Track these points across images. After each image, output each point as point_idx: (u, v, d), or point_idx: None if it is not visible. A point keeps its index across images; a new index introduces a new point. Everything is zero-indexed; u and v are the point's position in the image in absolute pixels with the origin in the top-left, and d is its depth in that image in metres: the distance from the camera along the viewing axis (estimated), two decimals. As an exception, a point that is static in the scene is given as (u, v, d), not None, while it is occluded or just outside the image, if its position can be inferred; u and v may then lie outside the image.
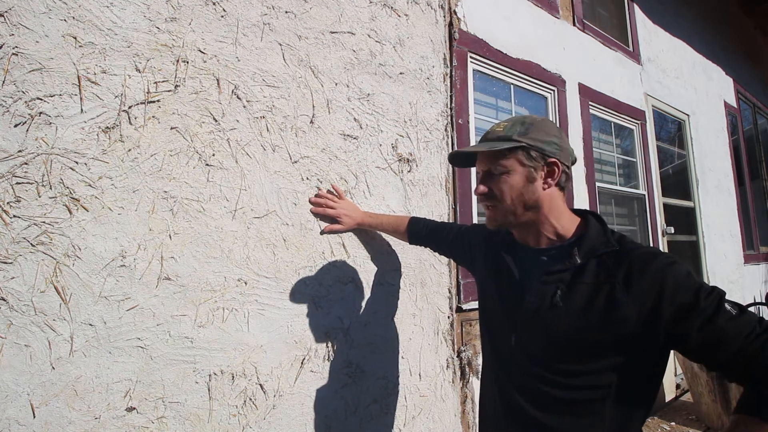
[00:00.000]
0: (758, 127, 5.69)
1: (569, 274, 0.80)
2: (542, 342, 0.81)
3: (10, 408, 0.93)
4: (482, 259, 1.05)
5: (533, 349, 0.83)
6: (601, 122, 3.16)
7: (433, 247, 1.43)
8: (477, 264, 1.10)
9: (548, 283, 0.82)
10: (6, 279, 0.95)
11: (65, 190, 1.04)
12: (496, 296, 0.95)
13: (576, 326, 0.77)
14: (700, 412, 2.81)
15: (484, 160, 0.89)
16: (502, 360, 0.91)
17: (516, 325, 0.87)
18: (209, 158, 1.27)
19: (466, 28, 2.20)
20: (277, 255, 1.37)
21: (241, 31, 1.37)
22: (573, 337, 0.77)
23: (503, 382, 0.90)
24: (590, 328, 0.75)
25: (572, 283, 0.79)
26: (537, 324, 0.82)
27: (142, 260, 1.13)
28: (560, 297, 0.79)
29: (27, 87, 1.01)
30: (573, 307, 0.78)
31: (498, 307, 0.94)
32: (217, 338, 1.23)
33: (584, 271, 0.79)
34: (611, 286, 0.75)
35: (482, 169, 0.90)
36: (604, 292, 0.76)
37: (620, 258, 0.78)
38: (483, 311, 1.03)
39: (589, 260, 0.79)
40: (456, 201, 1.99)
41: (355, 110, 1.64)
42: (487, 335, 0.99)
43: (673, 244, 3.57)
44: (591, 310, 0.76)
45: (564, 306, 0.78)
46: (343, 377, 1.49)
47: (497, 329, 0.94)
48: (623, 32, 3.54)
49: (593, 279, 0.78)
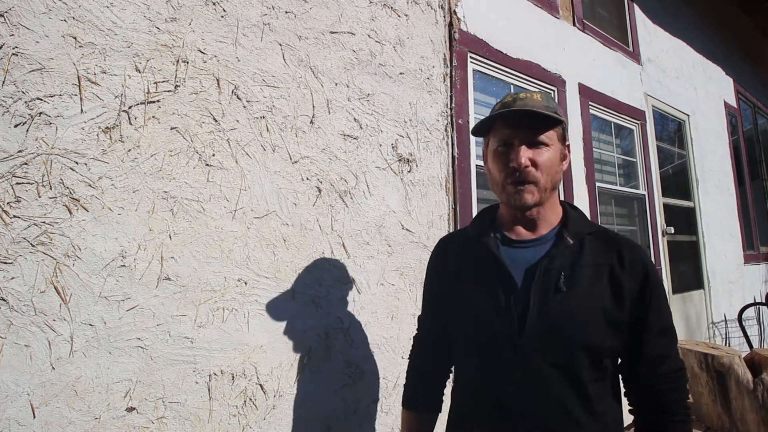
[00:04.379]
0: (758, 127, 5.69)
1: (568, 259, 0.80)
2: (555, 333, 0.77)
3: (10, 408, 0.93)
4: (457, 277, 0.91)
5: (545, 344, 0.77)
6: (601, 122, 3.16)
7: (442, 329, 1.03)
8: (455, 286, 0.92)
9: (550, 270, 0.79)
10: (6, 279, 0.95)
11: (65, 190, 1.04)
12: (487, 299, 0.84)
13: (586, 308, 0.76)
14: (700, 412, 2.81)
15: (532, 127, 0.79)
16: (500, 362, 0.81)
17: (523, 324, 0.79)
18: (209, 158, 1.27)
19: (466, 28, 2.20)
20: (277, 255, 1.37)
21: (241, 31, 1.37)
22: (584, 320, 0.76)
23: (501, 386, 0.81)
24: (601, 309, 0.77)
25: (573, 267, 0.79)
26: (547, 316, 0.77)
27: (142, 260, 1.13)
28: (563, 282, 0.78)
29: (27, 87, 1.01)
30: (580, 292, 0.77)
31: (493, 308, 0.82)
32: (217, 338, 1.23)
33: (582, 254, 0.80)
34: (610, 267, 0.79)
35: (524, 139, 0.79)
36: (606, 273, 0.79)
37: (607, 239, 0.82)
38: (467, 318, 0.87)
39: (581, 242, 0.82)
40: (456, 201, 1.99)
41: (355, 110, 1.64)
42: (477, 339, 0.86)
43: (673, 244, 3.57)
44: (598, 292, 0.77)
45: (570, 290, 0.77)
46: (343, 377, 1.49)
47: (494, 331, 0.83)
48: (623, 32, 3.54)
49: (593, 261, 0.80)
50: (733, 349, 2.74)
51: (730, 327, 3.93)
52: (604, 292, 0.78)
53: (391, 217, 1.70)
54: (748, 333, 3.55)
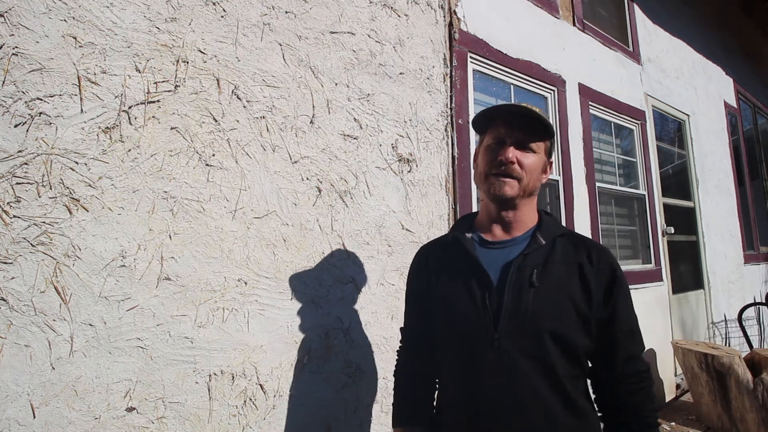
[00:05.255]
0: (758, 127, 5.68)
1: (541, 257, 0.85)
2: (529, 326, 0.79)
3: (10, 408, 0.93)
4: (436, 277, 0.94)
5: (521, 338, 0.79)
6: (601, 122, 3.16)
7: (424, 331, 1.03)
8: (434, 284, 0.95)
9: (523, 267, 0.84)
10: (6, 279, 0.95)
11: (65, 190, 1.04)
12: (464, 296, 0.87)
13: (557, 299, 0.81)
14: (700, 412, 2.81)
15: (527, 132, 0.86)
16: (477, 357, 0.83)
17: (498, 318, 0.81)
18: (209, 158, 1.27)
19: (466, 28, 2.20)
20: (277, 255, 1.37)
21: (241, 31, 1.37)
22: (555, 309, 0.80)
23: (479, 380, 0.82)
24: (572, 301, 0.81)
25: (545, 264, 0.84)
26: (521, 310, 0.80)
27: (142, 260, 1.13)
28: (536, 277, 0.82)
29: (27, 87, 1.01)
30: (552, 286, 0.82)
31: (469, 304, 0.85)
32: (217, 338, 1.23)
33: (554, 253, 0.86)
34: (579, 265, 0.84)
35: (517, 139, 0.86)
36: (575, 270, 0.84)
37: (576, 241, 0.88)
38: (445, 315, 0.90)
39: (552, 243, 0.87)
40: (456, 201, 1.99)
41: (355, 110, 1.64)
42: (454, 335, 0.88)
43: (673, 244, 3.57)
44: (569, 286, 0.82)
45: (542, 285, 0.82)
46: (343, 377, 1.49)
47: (471, 327, 0.85)
48: (623, 32, 3.54)
49: (563, 259, 0.85)
50: (733, 349, 2.74)
51: (730, 327, 3.93)
52: (575, 287, 0.82)
53: (391, 217, 1.70)
54: (748, 333, 3.55)
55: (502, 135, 0.87)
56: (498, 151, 0.86)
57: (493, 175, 0.86)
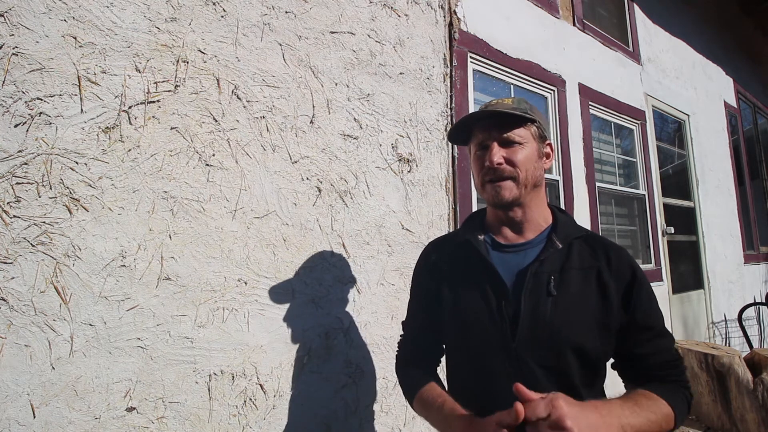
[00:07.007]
0: (758, 127, 5.68)
1: (558, 262, 0.82)
2: (549, 339, 0.78)
3: (10, 408, 0.93)
4: (448, 278, 0.92)
5: (539, 348, 0.78)
6: (601, 122, 3.16)
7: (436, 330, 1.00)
8: (445, 286, 0.93)
9: (540, 273, 0.81)
10: (6, 279, 0.95)
11: (65, 190, 1.04)
12: (479, 303, 0.84)
13: (576, 311, 0.78)
14: (700, 412, 2.81)
15: (502, 127, 0.83)
16: (492, 366, 0.81)
17: (515, 327, 0.79)
18: (209, 158, 1.27)
19: (466, 28, 2.20)
20: (277, 255, 1.37)
21: (241, 31, 1.37)
22: (575, 323, 0.77)
23: (494, 390, 0.80)
24: (591, 311, 0.78)
25: (562, 271, 0.81)
26: (540, 320, 0.78)
27: (142, 260, 1.13)
28: (554, 285, 0.79)
29: (27, 87, 1.01)
30: (571, 297, 0.79)
31: (485, 312, 0.83)
32: (217, 338, 1.23)
33: (571, 258, 0.82)
34: (598, 270, 0.81)
35: (496, 138, 0.84)
36: (594, 276, 0.80)
37: (594, 243, 0.84)
38: (459, 322, 0.88)
39: (569, 246, 0.83)
40: (456, 201, 1.99)
41: (355, 110, 1.64)
42: (469, 343, 0.86)
43: (673, 244, 3.57)
44: (588, 294, 0.79)
45: (561, 295, 0.79)
46: (343, 377, 1.49)
47: (487, 335, 0.83)
48: (623, 32, 3.54)
49: (581, 264, 0.82)
50: (733, 349, 2.74)
51: (730, 327, 3.93)
52: (593, 295, 0.79)
53: (391, 217, 1.70)
54: (748, 333, 3.55)
55: (482, 140, 0.86)
56: (484, 157, 0.84)
57: (487, 183, 0.84)
